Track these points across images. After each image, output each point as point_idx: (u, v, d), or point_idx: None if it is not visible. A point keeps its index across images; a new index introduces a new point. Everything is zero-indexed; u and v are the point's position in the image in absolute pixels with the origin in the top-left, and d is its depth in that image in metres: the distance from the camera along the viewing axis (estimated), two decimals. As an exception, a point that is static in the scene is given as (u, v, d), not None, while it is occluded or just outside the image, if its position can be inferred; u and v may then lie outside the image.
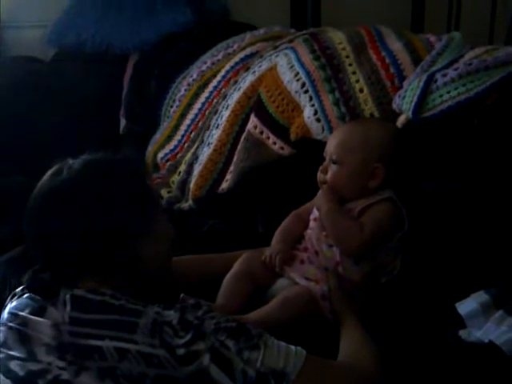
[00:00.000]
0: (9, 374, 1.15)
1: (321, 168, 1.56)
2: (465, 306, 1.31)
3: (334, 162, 1.53)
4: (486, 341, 1.22)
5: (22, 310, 1.20)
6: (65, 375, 1.11)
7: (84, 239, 1.17)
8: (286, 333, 1.26)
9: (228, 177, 2.04)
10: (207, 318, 1.14)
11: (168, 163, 2.25)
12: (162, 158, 2.28)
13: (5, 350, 1.17)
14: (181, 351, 1.09)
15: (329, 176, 1.53)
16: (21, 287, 1.26)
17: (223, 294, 1.51)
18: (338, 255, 1.48)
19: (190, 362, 1.09)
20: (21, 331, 1.17)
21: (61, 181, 1.20)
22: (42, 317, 1.16)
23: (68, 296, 1.16)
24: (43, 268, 1.24)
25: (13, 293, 1.27)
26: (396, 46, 1.84)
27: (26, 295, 1.23)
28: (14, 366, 1.15)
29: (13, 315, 1.20)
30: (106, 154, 1.29)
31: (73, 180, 1.20)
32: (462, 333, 1.29)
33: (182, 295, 1.36)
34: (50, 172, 1.24)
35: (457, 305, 1.32)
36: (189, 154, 2.19)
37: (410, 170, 1.57)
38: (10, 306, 1.23)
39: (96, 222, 1.18)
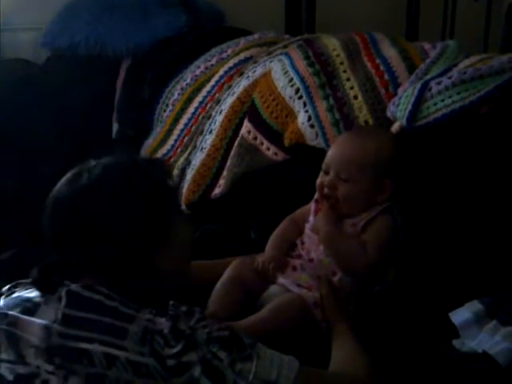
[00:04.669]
0: None
1: (327, 184, 1.50)
2: (458, 316, 1.30)
3: (344, 180, 1.49)
4: (480, 351, 1.21)
5: (12, 309, 1.17)
6: (53, 380, 1.08)
7: (100, 247, 1.17)
8: (278, 340, 1.24)
9: (221, 182, 2.03)
10: (199, 327, 1.11)
11: (160, 168, 2.23)
12: (154, 163, 2.27)
13: None
14: (171, 362, 1.07)
15: (340, 194, 1.49)
16: (7, 286, 1.25)
17: (214, 301, 1.50)
18: (335, 264, 1.47)
19: (180, 373, 1.07)
20: (9, 332, 1.14)
21: (80, 187, 1.19)
22: (33, 316, 1.14)
23: (64, 291, 1.14)
24: (51, 265, 1.22)
25: None
26: (390, 52, 1.84)
27: (15, 294, 1.21)
28: (3, 369, 1.12)
29: (1, 314, 1.18)
30: (127, 157, 1.28)
31: (92, 187, 1.19)
32: (456, 342, 1.28)
33: (171, 302, 1.34)
34: (69, 175, 1.23)
35: (450, 314, 1.32)
36: (182, 159, 2.18)
37: (409, 179, 1.56)
38: None
39: (113, 230, 1.17)
